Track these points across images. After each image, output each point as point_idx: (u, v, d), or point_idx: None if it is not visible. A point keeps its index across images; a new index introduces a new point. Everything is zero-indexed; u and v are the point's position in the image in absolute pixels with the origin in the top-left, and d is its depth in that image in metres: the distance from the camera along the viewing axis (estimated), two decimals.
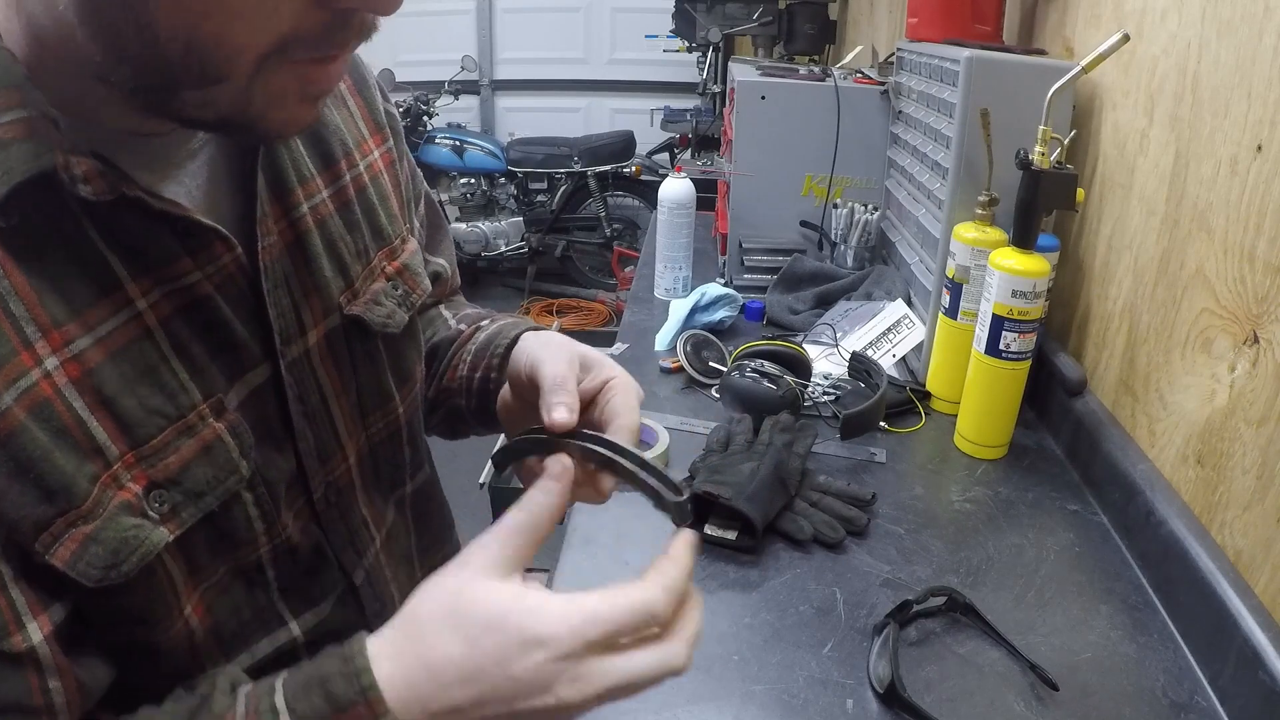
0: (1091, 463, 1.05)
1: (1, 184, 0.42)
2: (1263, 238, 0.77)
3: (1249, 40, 0.80)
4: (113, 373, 0.46)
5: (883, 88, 1.53)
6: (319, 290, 0.58)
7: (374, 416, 0.64)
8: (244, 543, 0.53)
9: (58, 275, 0.45)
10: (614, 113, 5.33)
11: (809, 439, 1.05)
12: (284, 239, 0.56)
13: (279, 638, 0.57)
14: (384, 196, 0.65)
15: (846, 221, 1.54)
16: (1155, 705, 0.75)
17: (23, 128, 0.42)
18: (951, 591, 0.83)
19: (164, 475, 0.48)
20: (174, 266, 0.49)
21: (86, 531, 0.45)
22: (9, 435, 0.42)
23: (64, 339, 0.44)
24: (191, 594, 0.51)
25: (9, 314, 0.43)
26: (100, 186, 0.44)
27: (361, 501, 0.63)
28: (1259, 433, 0.77)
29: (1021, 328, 1.03)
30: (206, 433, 0.50)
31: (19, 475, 0.43)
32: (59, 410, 0.44)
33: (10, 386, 0.42)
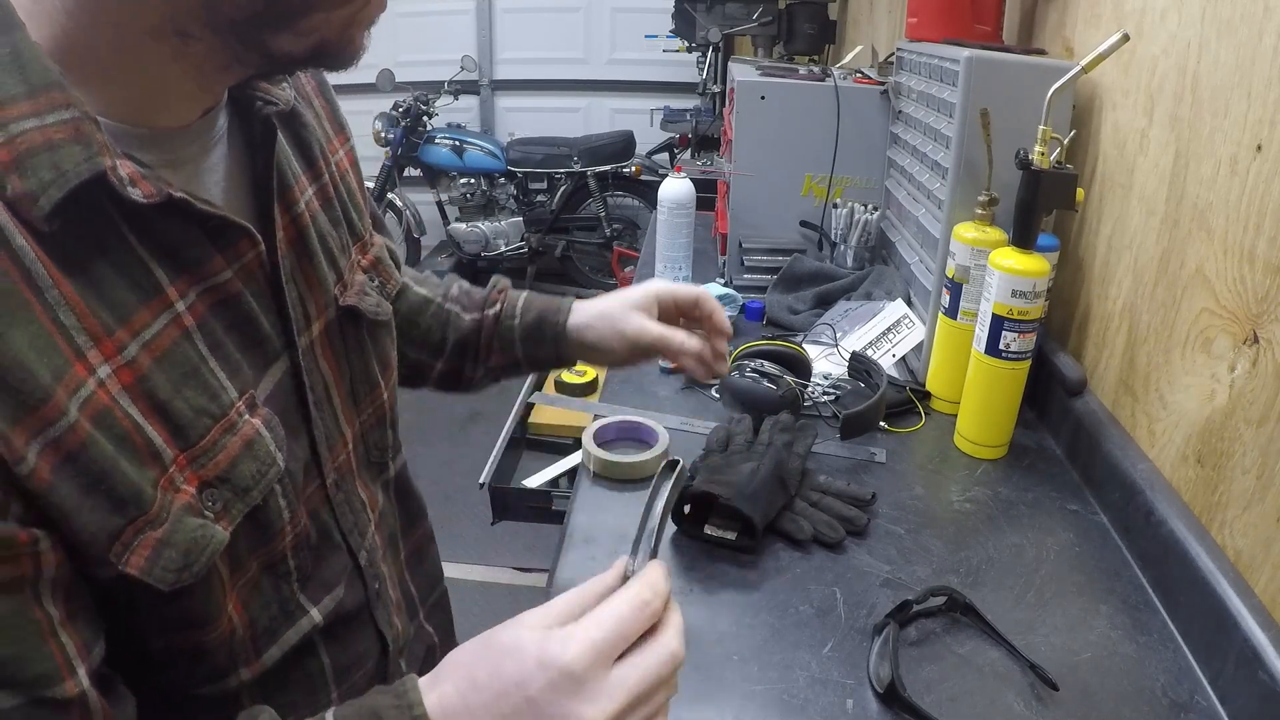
0: (1091, 463, 1.05)
1: (57, 187, 0.41)
2: (1263, 237, 0.77)
3: (1249, 40, 0.80)
4: (161, 376, 0.46)
5: (883, 88, 1.53)
6: (320, 283, 0.60)
7: (364, 403, 0.66)
8: (274, 535, 0.55)
9: (102, 282, 0.44)
10: (614, 113, 5.33)
11: (809, 439, 1.05)
12: (288, 235, 0.57)
13: (302, 626, 0.58)
14: (352, 193, 0.68)
15: (846, 221, 1.54)
16: (1155, 705, 0.75)
17: (70, 129, 0.42)
18: (951, 591, 0.83)
19: (214, 474, 0.49)
20: (208, 266, 0.50)
21: (158, 536, 0.45)
22: (80, 448, 0.42)
23: (115, 347, 0.44)
24: (231, 593, 0.52)
25: (60, 325, 0.42)
26: (148, 189, 0.44)
27: (359, 485, 0.65)
28: (1259, 433, 0.77)
29: (1021, 328, 1.03)
30: (246, 429, 0.51)
31: (92, 489, 0.42)
32: (118, 418, 0.44)
33: (72, 397, 0.42)
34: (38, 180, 0.41)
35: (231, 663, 0.54)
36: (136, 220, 0.46)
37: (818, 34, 2.92)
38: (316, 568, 0.60)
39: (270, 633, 0.56)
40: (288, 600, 0.57)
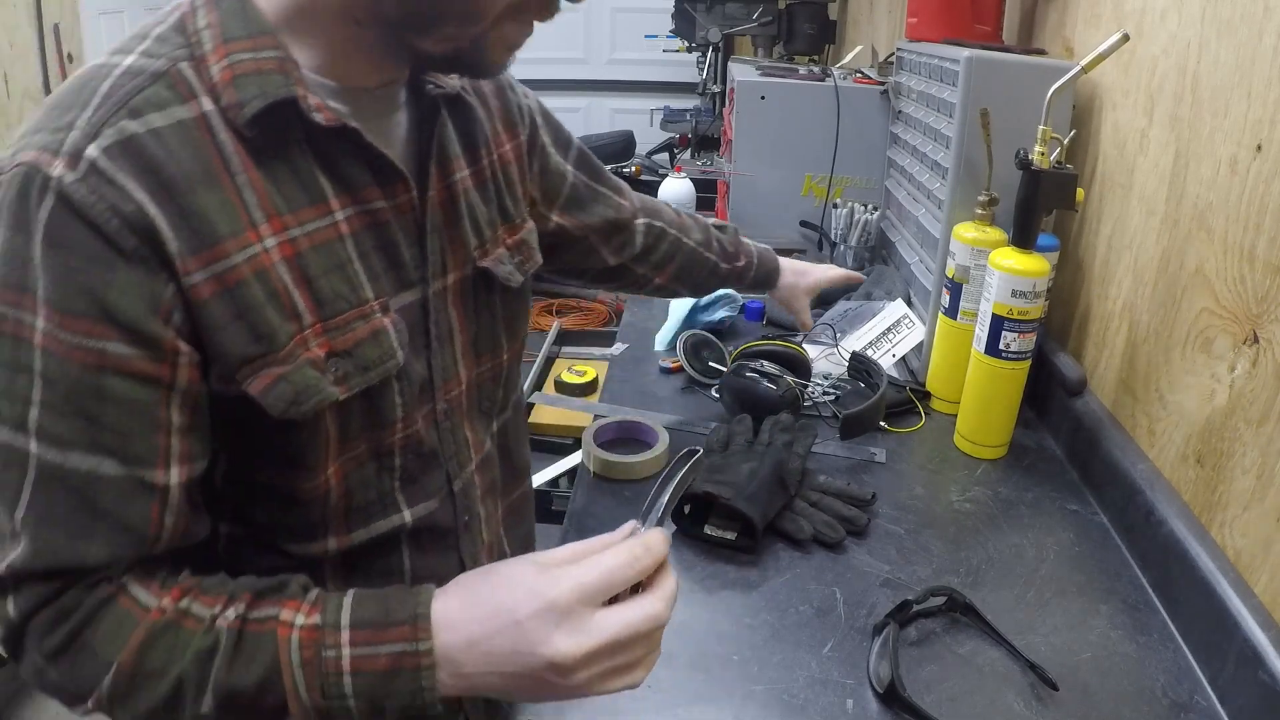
0: (1091, 463, 1.05)
1: (259, 101, 0.54)
2: (1263, 237, 0.77)
3: (1249, 40, 0.80)
4: (314, 259, 0.58)
5: (882, 88, 1.53)
6: (461, 242, 0.70)
7: (485, 358, 0.75)
8: (386, 424, 0.64)
9: (282, 180, 0.57)
10: (614, 113, 5.33)
11: (809, 439, 1.05)
12: (440, 196, 0.68)
13: (393, 522, 0.67)
14: (511, 183, 0.78)
15: (846, 221, 1.54)
16: (1155, 705, 0.75)
17: (276, 64, 0.55)
18: (951, 591, 0.83)
19: (341, 347, 0.60)
20: (366, 193, 0.61)
21: (279, 373, 0.57)
22: (236, 285, 0.55)
23: (282, 226, 0.57)
24: (336, 459, 0.62)
25: (242, 200, 0.55)
26: (329, 116, 0.57)
27: (466, 425, 0.74)
28: (1259, 433, 0.77)
29: (1021, 327, 1.03)
30: (376, 322, 0.62)
31: (238, 318, 0.55)
32: (273, 278, 0.56)
33: (240, 251, 0.55)
34: (245, 94, 0.54)
35: (323, 526, 0.64)
36: (316, 141, 0.58)
37: (818, 34, 2.92)
38: (417, 475, 0.69)
39: (364, 515, 0.66)
40: (386, 494, 0.67)
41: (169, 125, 0.54)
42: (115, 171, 0.52)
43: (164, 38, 0.56)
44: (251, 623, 0.55)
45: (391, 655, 0.54)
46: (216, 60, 0.55)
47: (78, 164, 0.51)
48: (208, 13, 0.56)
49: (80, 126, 0.52)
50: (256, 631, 0.55)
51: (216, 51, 0.55)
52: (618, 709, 0.73)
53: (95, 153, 0.51)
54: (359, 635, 0.54)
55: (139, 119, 0.53)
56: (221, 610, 0.55)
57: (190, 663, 0.54)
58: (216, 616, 0.55)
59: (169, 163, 0.53)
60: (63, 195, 0.51)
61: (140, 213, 0.52)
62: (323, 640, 0.54)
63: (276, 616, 0.55)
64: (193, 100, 0.55)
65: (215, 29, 0.56)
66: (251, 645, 0.54)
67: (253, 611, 0.55)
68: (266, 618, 0.55)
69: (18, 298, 0.51)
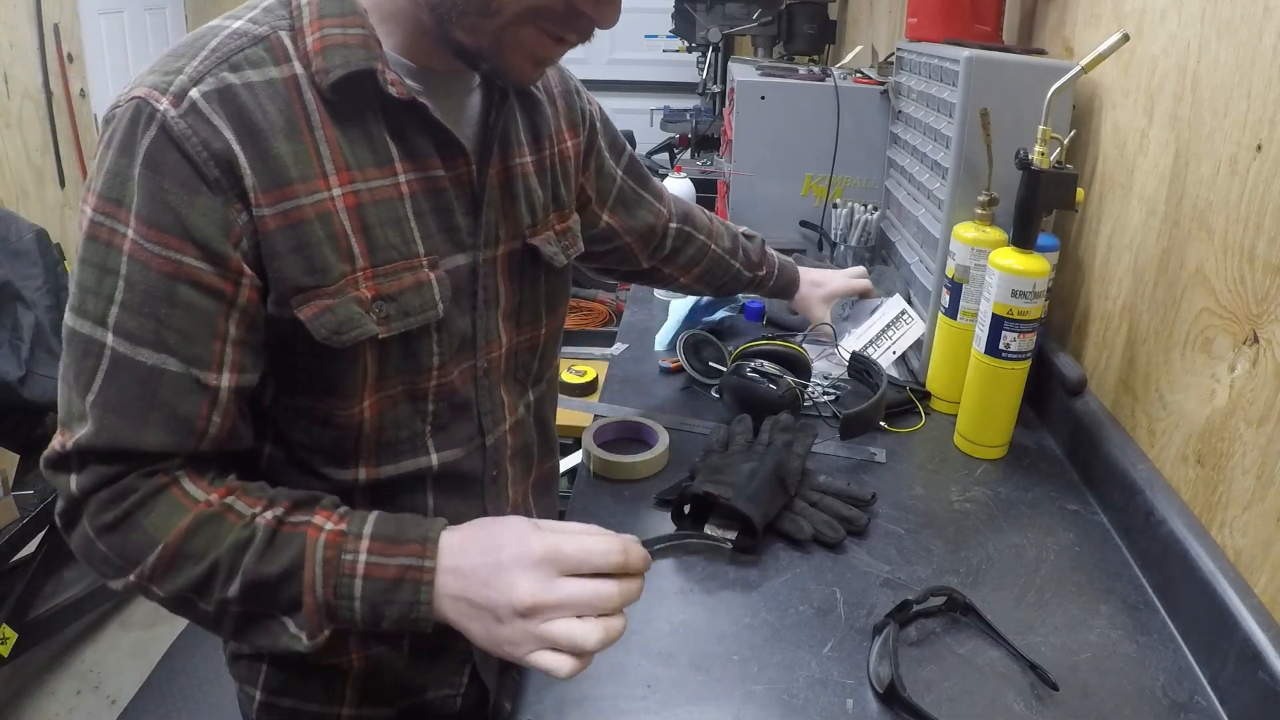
0: (1091, 463, 1.05)
1: (341, 69, 0.63)
2: (1263, 237, 0.77)
3: (1249, 40, 0.80)
4: (373, 212, 0.66)
5: (882, 88, 1.53)
6: (515, 218, 0.78)
7: (524, 328, 0.83)
8: (421, 370, 0.72)
9: (355, 140, 0.65)
10: (614, 113, 5.29)
11: (809, 439, 1.05)
12: (499, 174, 0.76)
13: (420, 462, 0.75)
14: (566, 175, 0.86)
15: (846, 221, 1.54)
16: (1155, 705, 0.75)
17: (360, 39, 0.64)
18: (951, 591, 0.83)
19: (387, 292, 0.67)
20: (428, 161, 0.69)
21: (327, 304, 0.65)
22: (299, 222, 0.63)
23: (350, 179, 0.65)
24: (373, 393, 0.70)
25: (317, 152, 0.64)
26: (401, 91, 0.65)
27: (502, 387, 0.82)
28: (1259, 432, 0.77)
29: (1021, 327, 1.03)
30: (422, 275, 0.69)
31: (297, 250, 0.63)
32: (334, 222, 0.64)
33: (308, 195, 0.63)
34: (331, 63, 0.63)
35: (354, 455, 0.72)
36: (388, 110, 0.66)
37: (818, 34, 2.92)
38: (448, 424, 0.76)
39: (393, 451, 0.73)
40: (417, 436, 0.74)
41: (262, 81, 0.62)
42: (211, 113, 0.60)
43: (271, 9, 0.66)
44: (286, 524, 0.63)
45: (399, 566, 0.62)
46: (311, 33, 0.64)
47: (181, 102, 0.60)
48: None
49: (187, 72, 0.61)
50: (289, 531, 0.63)
51: (312, 25, 0.64)
52: (618, 709, 0.73)
53: (196, 95, 0.60)
54: (375, 545, 0.63)
55: (237, 72, 0.62)
56: (261, 511, 0.64)
57: (227, 550, 0.62)
58: (256, 515, 0.63)
59: (256, 112, 0.61)
60: (164, 126, 0.59)
61: (227, 149, 0.60)
62: (344, 544, 0.62)
63: (309, 521, 0.64)
64: (286, 64, 0.64)
65: (314, 6, 0.65)
66: (283, 542, 0.62)
67: (289, 516, 0.64)
68: (300, 521, 0.64)
69: (114, 209, 0.60)
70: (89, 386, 0.61)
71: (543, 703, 0.73)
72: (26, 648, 1.99)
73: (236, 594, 0.62)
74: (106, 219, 0.60)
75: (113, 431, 0.61)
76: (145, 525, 0.62)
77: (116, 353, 0.60)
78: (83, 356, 0.61)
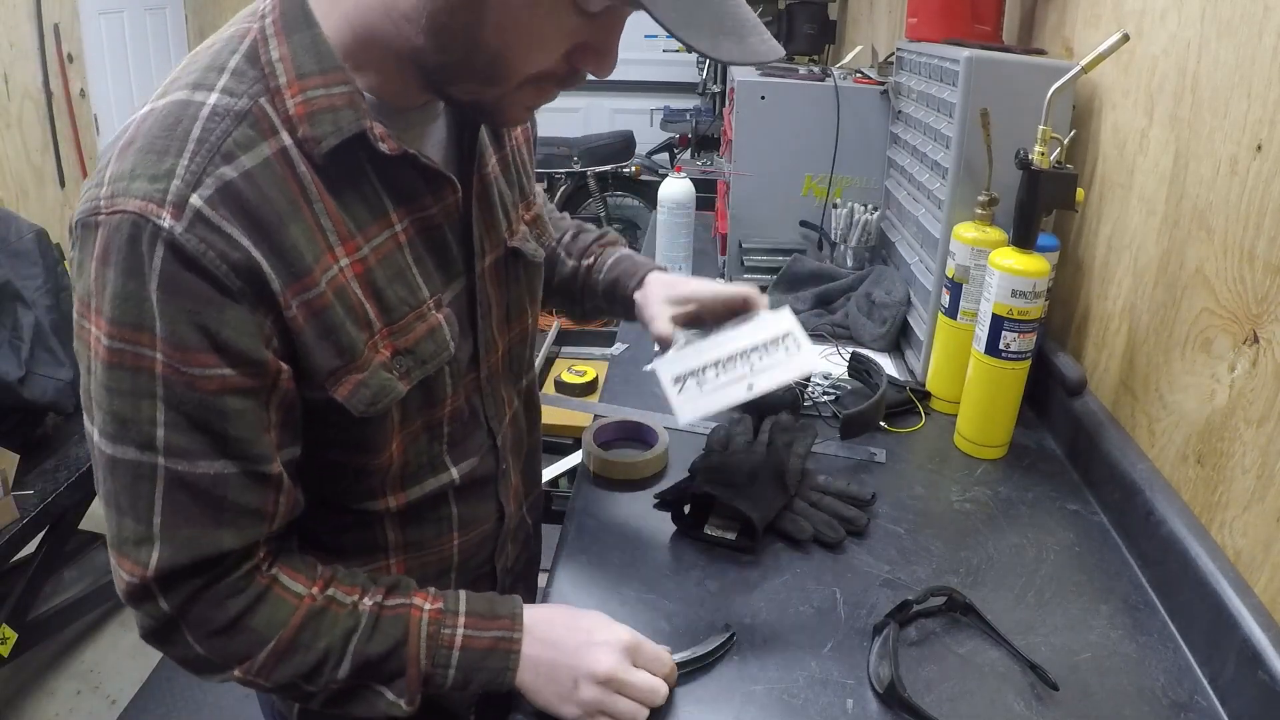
0: (1091, 462, 1.05)
1: (334, 137, 0.61)
2: (1263, 237, 0.77)
3: (1249, 40, 0.80)
4: (380, 272, 0.66)
5: (882, 88, 1.53)
6: (495, 226, 0.78)
7: (514, 324, 0.84)
8: (438, 402, 0.74)
9: (351, 203, 0.64)
10: (614, 113, 5.33)
11: (809, 439, 1.05)
12: (478, 187, 0.75)
13: (442, 480, 0.78)
14: (524, 163, 0.86)
15: (846, 221, 1.54)
16: (1155, 705, 0.75)
17: (347, 99, 0.61)
18: (951, 591, 0.83)
19: (404, 346, 0.68)
20: (420, 201, 0.68)
21: (359, 379, 0.65)
22: (323, 310, 0.62)
23: (354, 247, 0.64)
24: (397, 437, 0.71)
25: (320, 227, 0.62)
26: (392, 146, 0.63)
27: (502, 386, 0.84)
28: (1259, 432, 0.77)
29: (1021, 327, 1.03)
30: (432, 320, 0.70)
31: (325, 337, 0.63)
32: (349, 294, 0.64)
33: (324, 275, 0.62)
34: (321, 130, 0.60)
35: (383, 489, 0.74)
36: (379, 165, 0.65)
37: (818, 34, 2.92)
38: (463, 438, 0.79)
39: (417, 477, 0.76)
40: (436, 457, 0.77)
41: (258, 164, 0.59)
42: (221, 220, 0.57)
43: (240, 72, 0.60)
44: (387, 608, 0.69)
45: (492, 639, 0.70)
46: (291, 96, 0.60)
47: (183, 213, 0.56)
48: (279, 45, 0.61)
49: (181, 175, 0.56)
50: (391, 615, 0.69)
51: (291, 87, 0.60)
52: None
53: (199, 202, 0.56)
54: (470, 621, 0.70)
55: (232, 163, 0.58)
56: (360, 598, 0.69)
57: (338, 638, 0.66)
58: (357, 602, 0.68)
59: (263, 205, 0.59)
60: (174, 245, 0.56)
61: (247, 257, 0.58)
62: (443, 621, 0.69)
63: (409, 603, 0.70)
64: (274, 136, 0.60)
65: (288, 63, 0.60)
66: (387, 624, 0.68)
67: (387, 600, 0.69)
68: (399, 604, 0.69)
69: (135, 335, 0.57)
70: (151, 509, 0.60)
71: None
72: (26, 648, 1.99)
73: (346, 674, 0.67)
74: (129, 345, 0.57)
75: (192, 545, 0.61)
76: (255, 626, 0.65)
77: (173, 471, 0.60)
78: (134, 482, 0.60)
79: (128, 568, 0.62)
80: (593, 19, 0.59)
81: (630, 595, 0.86)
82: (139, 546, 0.61)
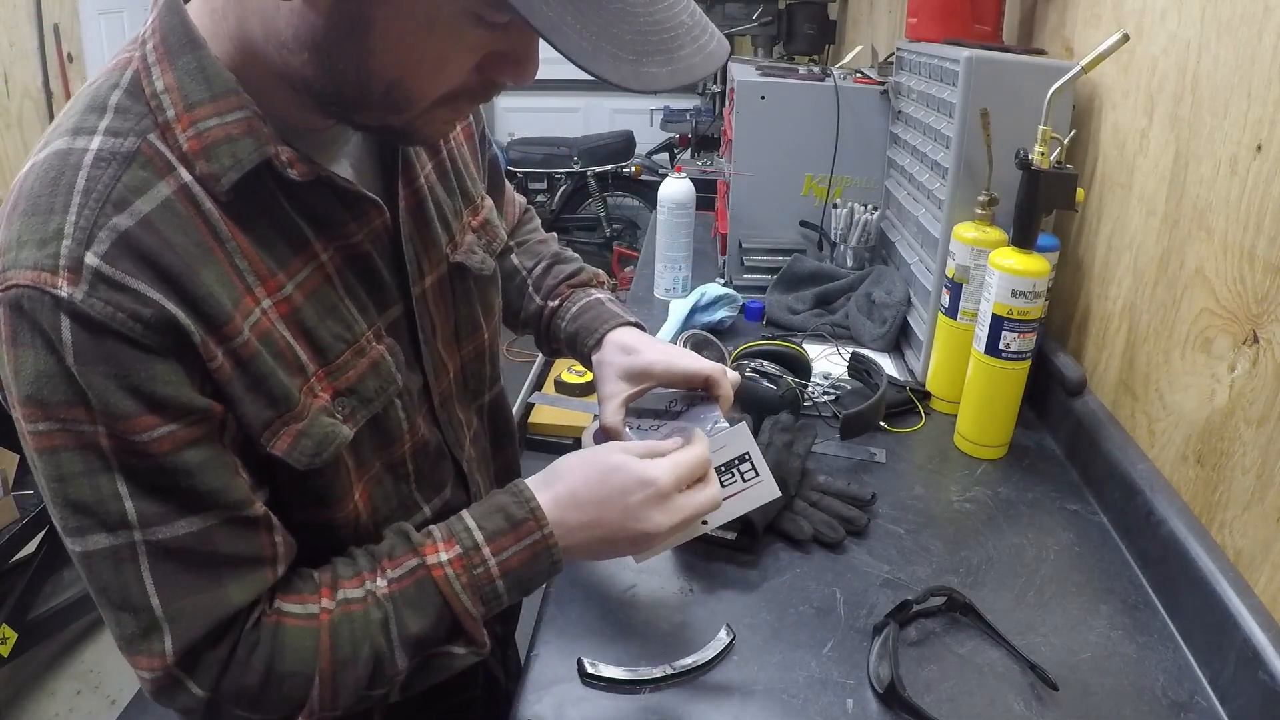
0: (1091, 463, 1.05)
1: (235, 171, 0.55)
2: (1263, 237, 0.77)
3: (1249, 40, 0.80)
4: (309, 309, 0.60)
5: (882, 88, 1.53)
6: (433, 243, 0.72)
7: (466, 342, 0.79)
8: (394, 440, 0.69)
9: (266, 237, 0.58)
10: (613, 113, 5.33)
11: (809, 439, 1.05)
12: (408, 204, 0.69)
13: (415, 520, 0.72)
14: (465, 163, 0.79)
15: (846, 221, 1.54)
16: (1155, 705, 0.75)
17: (244, 126, 0.55)
18: (951, 591, 0.83)
19: (345, 386, 0.63)
20: (344, 228, 0.62)
21: (299, 429, 0.59)
22: (249, 358, 0.56)
23: (276, 285, 0.58)
24: (358, 484, 0.66)
25: (236, 268, 0.56)
26: (303, 170, 0.57)
27: (459, 407, 0.79)
28: (1259, 432, 0.77)
29: (1021, 327, 1.03)
30: (373, 353, 0.65)
31: (254, 388, 0.57)
32: (276, 338, 0.58)
33: (246, 321, 0.56)
34: (220, 165, 0.54)
35: (355, 540, 0.68)
36: (292, 192, 0.59)
37: (818, 34, 2.93)
38: (430, 472, 0.74)
39: (390, 522, 0.69)
40: (406, 497, 0.72)
41: (155, 208, 0.53)
42: (122, 276, 0.51)
43: (123, 109, 0.54)
44: (397, 581, 0.63)
45: (528, 547, 0.64)
46: (182, 130, 0.54)
47: (79, 278, 0.50)
48: (163, 73, 0.55)
49: (70, 234, 0.50)
50: (413, 584, 0.63)
51: (180, 120, 0.54)
52: (619, 708, 0.73)
53: (95, 260, 0.50)
54: (496, 545, 0.64)
55: (126, 210, 0.52)
56: (369, 584, 0.63)
57: (376, 634, 0.61)
58: (370, 591, 0.62)
59: (166, 251, 0.53)
60: (78, 314, 0.50)
61: (160, 311, 0.52)
62: (470, 562, 0.63)
63: (422, 564, 0.63)
64: (170, 174, 0.54)
65: (175, 93, 0.54)
66: (415, 596, 0.62)
67: (395, 570, 0.63)
68: (409, 570, 0.63)
69: (69, 411, 0.52)
70: (144, 594, 0.55)
71: (542, 702, 0.73)
72: (26, 648, 1.99)
73: (406, 662, 0.62)
74: (68, 424, 0.52)
75: (201, 615, 0.56)
76: (289, 670, 0.59)
77: (153, 542, 0.55)
78: (116, 570, 0.55)
79: (145, 664, 0.56)
80: (502, 28, 0.52)
81: (630, 595, 0.86)
82: (149, 638, 0.56)
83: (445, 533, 0.65)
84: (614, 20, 0.47)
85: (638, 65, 0.48)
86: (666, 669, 0.75)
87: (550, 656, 0.78)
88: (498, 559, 0.64)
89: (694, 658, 0.76)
